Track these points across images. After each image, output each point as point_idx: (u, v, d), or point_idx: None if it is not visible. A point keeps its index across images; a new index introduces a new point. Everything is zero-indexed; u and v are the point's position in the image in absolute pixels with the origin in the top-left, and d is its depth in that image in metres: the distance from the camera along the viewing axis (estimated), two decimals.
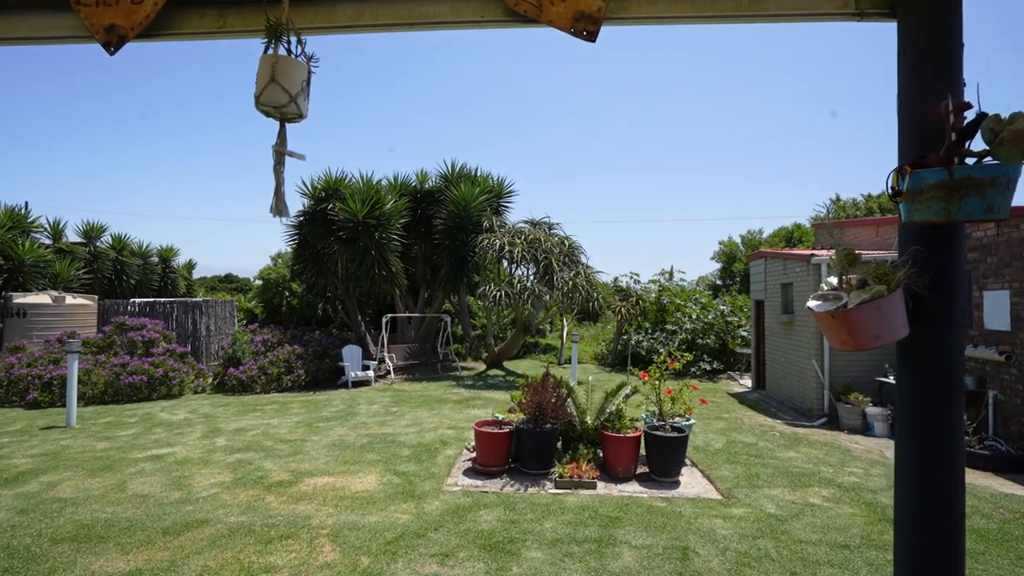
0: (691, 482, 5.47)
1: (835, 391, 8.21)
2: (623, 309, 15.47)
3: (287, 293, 18.79)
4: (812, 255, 8.44)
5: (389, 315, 13.47)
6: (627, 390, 6.06)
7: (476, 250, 13.34)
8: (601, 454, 5.82)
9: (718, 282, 29.32)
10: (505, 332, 18.41)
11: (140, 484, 5.55)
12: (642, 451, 5.79)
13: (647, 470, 5.69)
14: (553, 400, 5.61)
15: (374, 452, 6.59)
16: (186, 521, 4.60)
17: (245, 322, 18.49)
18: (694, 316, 14.81)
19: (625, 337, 15.83)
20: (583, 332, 22.55)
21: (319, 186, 13.15)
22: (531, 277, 13.78)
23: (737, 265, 29.22)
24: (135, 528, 4.49)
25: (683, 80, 66.46)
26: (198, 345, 13.40)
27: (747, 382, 12.42)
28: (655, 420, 5.95)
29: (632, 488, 5.29)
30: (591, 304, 13.23)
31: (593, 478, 5.32)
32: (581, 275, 13.46)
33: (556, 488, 5.28)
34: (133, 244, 17.05)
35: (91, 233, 15.78)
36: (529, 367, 15.64)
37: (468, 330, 16.61)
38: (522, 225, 15.01)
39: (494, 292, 12.29)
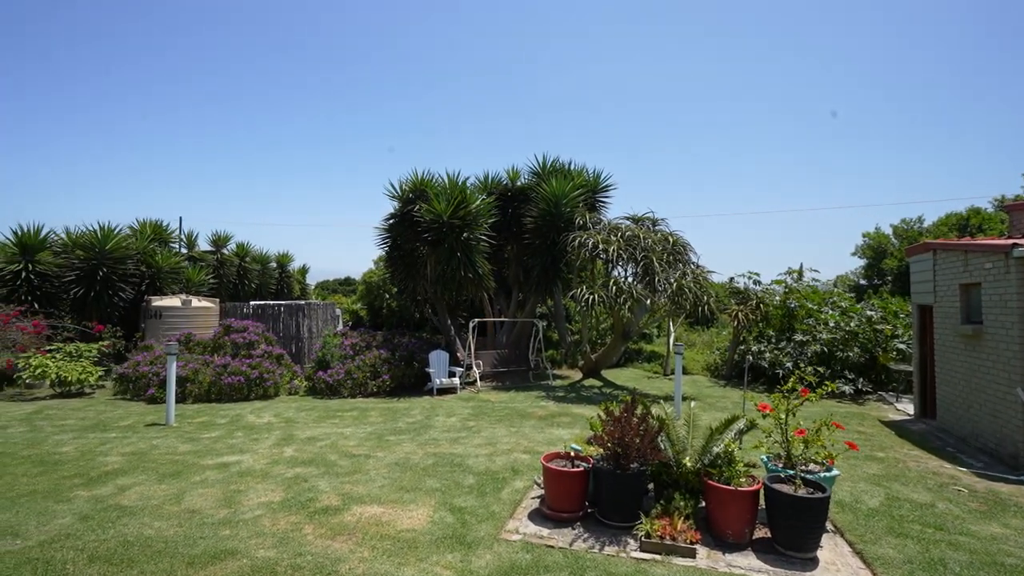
0: (835, 561, 3.94)
1: None
2: (740, 314, 13.42)
3: (387, 296, 19.19)
4: (1014, 245, 6.18)
5: (476, 319, 12.88)
6: (740, 425, 4.64)
7: (568, 249, 12.29)
8: (704, 506, 4.49)
9: (862, 282, 25.05)
10: (604, 337, 17.07)
11: (196, 496, 5.32)
12: (762, 504, 4.37)
13: (768, 535, 4.26)
14: (640, 436, 4.41)
15: (435, 477, 5.85)
16: (216, 550, 4.15)
17: (351, 324, 19.20)
18: (831, 323, 12.35)
19: (743, 346, 13.73)
20: (693, 338, 20.42)
21: (406, 188, 12.98)
22: (630, 278, 12.39)
23: (888, 261, 24.74)
24: (165, 553, 4.12)
25: (812, 43, 59.16)
26: (300, 346, 13.89)
27: (907, 408, 9.92)
28: (780, 467, 4.47)
29: (746, 562, 3.92)
30: (701, 308, 11.51)
31: (692, 542, 4.04)
32: (688, 275, 11.79)
33: (641, 551, 4.08)
34: (254, 251, 18.47)
35: (219, 242, 17.31)
36: (630, 377, 14.20)
37: (564, 335, 15.55)
38: (621, 221, 13.65)
39: (586, 295, 11.13)
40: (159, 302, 13.09)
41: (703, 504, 4.52)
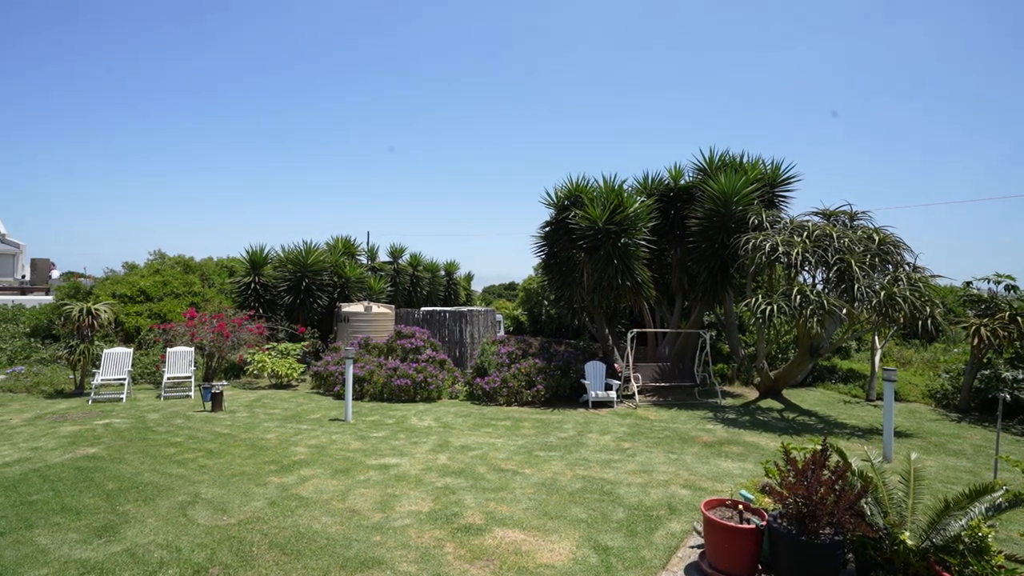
0: None
1: None
2: (983, 329, 10.42)
3: (545, 303, 19.31)
4: None
5: (636, 329, 12.12)
6: (996, 497, 3.34)
7: (740, 253, 10.85)
8: None
9: None
10: (787, 352, 14.81)
11: (358, 496, 5.69)
12: None
13: None
14: (835, 494, 3.43)
15: (582, 505, 5.42)
16: (365, 557, 4.31)
17: (512, 329, 19.76)
18: None
19: (987, 371, 10.66)
20: (908, 355, 16.69)
21: (562, 195, 12.79)
22: (819, 285, 10.46)
23: None
24: (325, 551, 4.41)
25: None
26: (463, 351, 14.60)
27: None
28: None
29: None
30: (921, 321, 9.18)
31: None
32: (902, 280, 9.51)
33: None
34: (425, 260, 20.13)
35: (395, 253, 19.24)
36: (819, 400, 12.03)
37: (736, 348, 13.84)
38: (808, 219, 11.68)
39: (763, 306, 9.63)
40: (347, 308, 14.91)
41: None
